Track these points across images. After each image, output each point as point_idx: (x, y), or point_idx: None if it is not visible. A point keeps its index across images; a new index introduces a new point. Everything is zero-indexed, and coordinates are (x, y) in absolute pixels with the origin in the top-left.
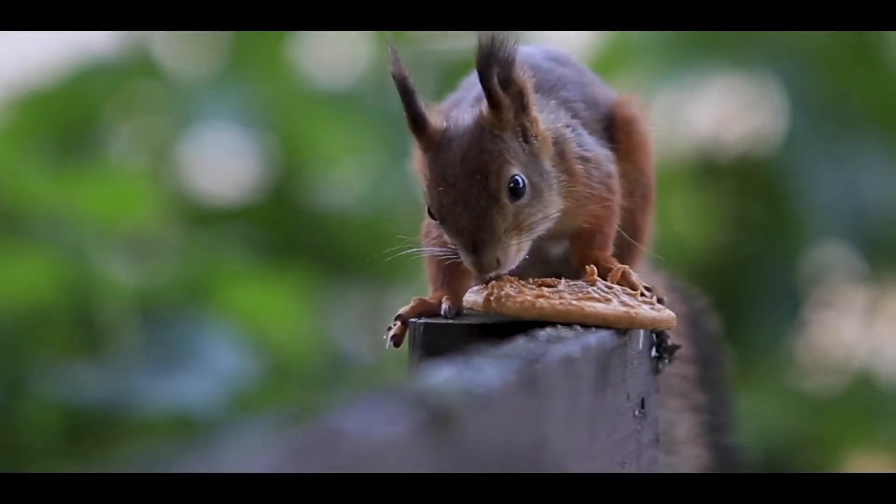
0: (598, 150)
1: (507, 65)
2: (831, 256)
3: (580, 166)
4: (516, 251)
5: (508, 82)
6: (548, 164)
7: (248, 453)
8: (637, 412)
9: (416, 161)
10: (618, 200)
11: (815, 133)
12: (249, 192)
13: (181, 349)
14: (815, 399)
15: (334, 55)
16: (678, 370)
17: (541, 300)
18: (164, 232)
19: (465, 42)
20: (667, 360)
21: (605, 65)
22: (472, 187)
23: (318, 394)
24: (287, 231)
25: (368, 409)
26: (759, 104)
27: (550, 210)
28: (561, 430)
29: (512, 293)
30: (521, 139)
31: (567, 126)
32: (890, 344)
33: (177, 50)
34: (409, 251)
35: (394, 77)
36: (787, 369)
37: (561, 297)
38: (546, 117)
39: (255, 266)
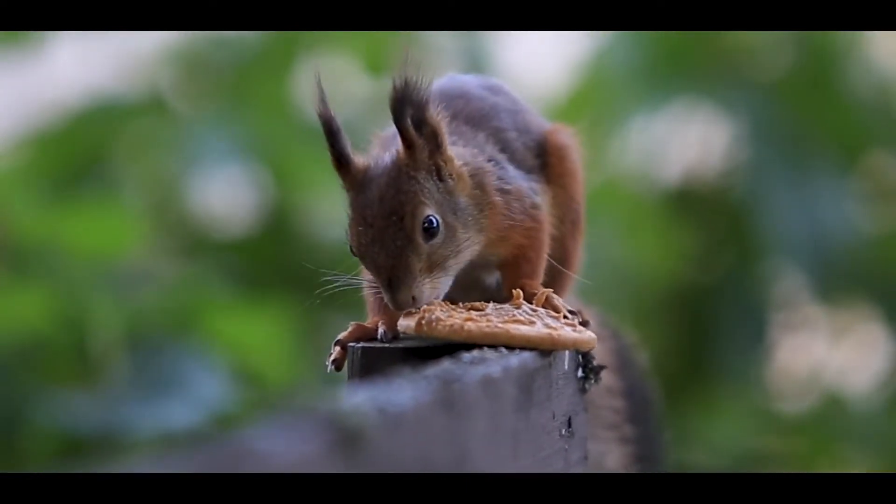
0: (521, 183)
1: (420, 106)
2: (793, 281)
3: (500, 198)
4: (431, 289)
5: (422, 123)
6: (464, 200)
7: (155, 465)
8: (564, 431)
9: None
10: (545, 230)
11: (776, 162)
12: (246, 225)
13: (169, 377)
14: (783, 420)
15: (331, 91)
16: (609, 403)
17: (469, 323)
18: (156, 264)
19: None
20: (593, 381)
21: (577, 98)
22: (388, 227)
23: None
24: (279, 263)
25: (280, 428)
26: (722, 134)
27: (465, 246)
28: (482, 447)
29: (442, 317)
30: (435, 178)
31: (490, 160)
32: (854, 365)
33: (181, 87)
34: (343, 283)
35: (319, 116)
36: (755, 391)
37: (488, 321)
38: (469, 151)
39: (242, 297)
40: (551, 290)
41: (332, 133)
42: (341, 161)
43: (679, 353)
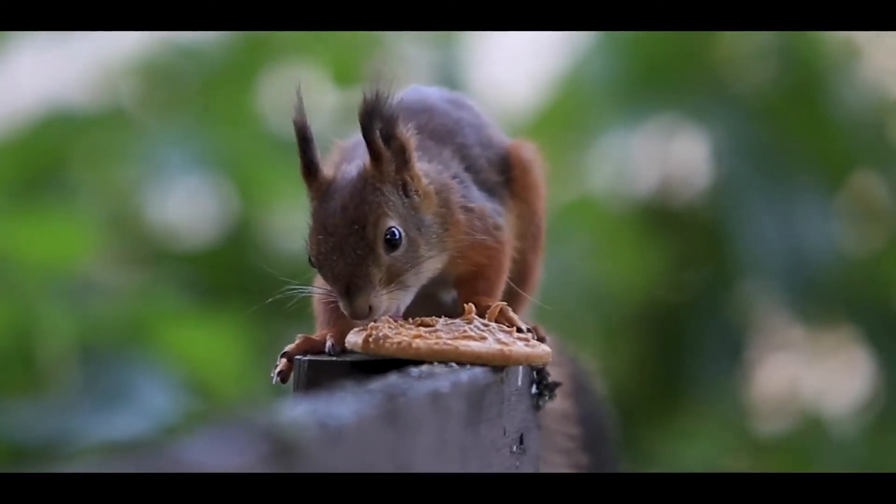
0: (485, 203)
1: (390, 121)
2: (772, 301)
3: (463, 216)
4: (389, 300)
5: (391, 137)
6: (429, 217)
7: (81, 469)
8: (515, 448)
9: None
10: (506, 252)
11: (756, 179)
12: (206, 236)
13: (119, 388)
14: (758, 441)
15: (294, 102)
16: (564, 429)
17: (417, 341)
18: (111, 274)
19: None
20: (547, 397)
21: (552, 114)
22: (349, 236)
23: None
24: (239, 275)
25: (215, 439)
26: (701, 150)
27: (427, 262)
28: (428, 463)
29: (389, 334)
30: (401, 192)
31: (455, 177)
32: (834, 387)
33: (143, 97)
34: (296, 293)
35: (295, 123)
36: (729, 412)
37: (437, 337)
38: (434, 168)
39: (197, 308)
40: (505, 303)
41: (305, 140)
42: (310, 169)
43: (652, 371)
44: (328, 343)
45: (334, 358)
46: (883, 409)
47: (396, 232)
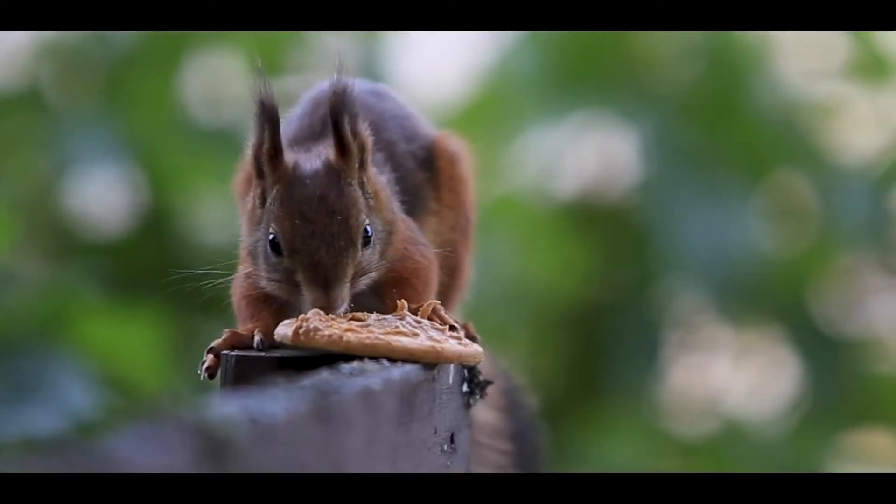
0: (408, 218)
1: (354, 117)
2: (695, 301)
3: (402, 224)
4: (350, 295)
5: (355, 134)
6: (379, 219)
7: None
8: (446, 447)
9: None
10: (435, 269)
11: (682, 179)
12: (122, 226)
13: (33, 382)
14: (679, 442)
15: (214, 91)
16: (496, 444)
17: (348, 334)
18: (24, 265)
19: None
20: (478, 396)
21: (478, 109)
22: (331, 225)
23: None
24: (153, 267)
25: (145, 437)
26: (625, 148)
27: (377, 262)
28: (358, 461)
29: (320, 327)
30: (362, 191)
31: (389, 184)
32: (756, 387)
33: (58, 83)
34: (213, 282)
35: (263, 104)
36: (649, 412)
37: (369, 331)
38: (375, 170)
39: (114, 301)
40: (438, 301)
41: (274, 122)
42: (276, 152)
43: (577, 371)
44: (256, 338)
45: (262, 353)
46: (806, 409)
47: (369, 229)
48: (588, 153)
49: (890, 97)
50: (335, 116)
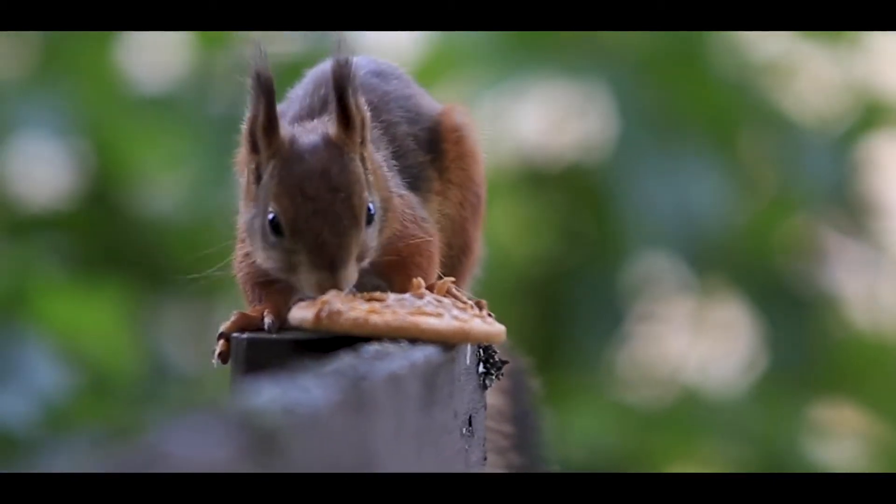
0: (409, 193)
1: (356, 91)
2: (657, 266)
3: (399, 202)
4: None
5: (358, 107)
6: (376, 197)
7: (63, 465)
8: (465, 430)
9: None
10: (435, 244)
11: (642, 141)
12: (65, 199)
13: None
14: (639, 413)
15: (156, 57)
16: (498, 427)
17: (374, 316)
18: None
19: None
20: (494, 376)
21: (429, 71)
22: (335, 203)
23: (139, 412)
24: (105, 241)
25: (192, 430)
26: (586, 111)
27: (377, 241)
28: (388, 449)
29: (343, 309)
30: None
31: (385, 161)
32: (718, 354)
33: None
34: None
35: (258, 75)
36: (610, 382)
37: (394, 313)
38: (373, 149)
39: (72, 277)
40: (452, 279)
41: (270, 93)
42: (272, 125)
43: (532, 341)
44: (267, 320)
45: (273, 336)
46: (770, 374)
47: (372, 207)
48: (544, 115)
49: (849, 55)
50: (339, 88)
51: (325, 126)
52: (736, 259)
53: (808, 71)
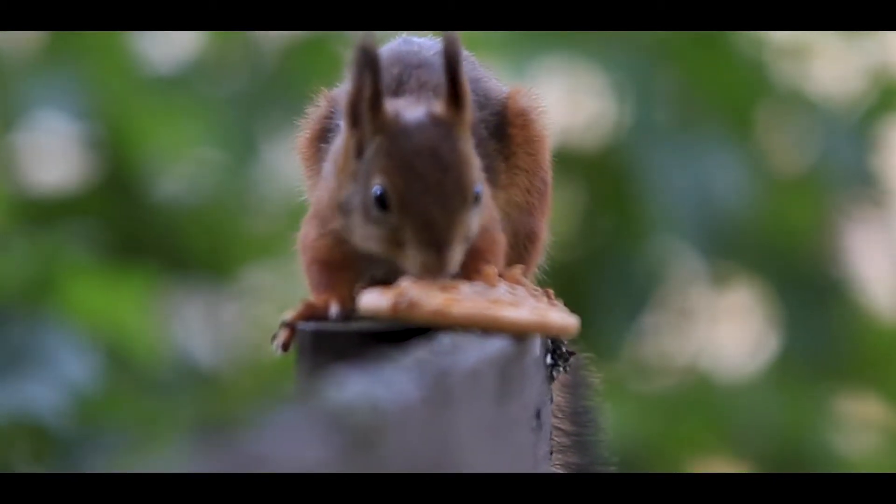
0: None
1: (464, 70)
2: (676, 252)
3: (487, 190)
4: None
5: (467, 87)
6: (482, 178)
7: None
8: (534, 424)
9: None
10: (503, 243)
11: (661, 126)
12: (82, 184)
13: (24, 354)
14: (660, 402)
15: (170, 37)
16: (557, 424)
17: (454, 306)
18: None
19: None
20: (561, 368)
21: None
22: (445, 182)
23: (224, 408)
24: (124, 225)
25: (284, 429)
26: (604, 96)
27: (476, 227)
28: (466, 445)
29: (422, 299)
30: None
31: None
32: (735, 344)
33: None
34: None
35: (364, 49)
36: (630, 370)
37: (473, 303)
38: None
39: (99, 264)
40: (521, 266)
41: (375, 67)
42: (377, 99)
43: None
44: (333, 309)
45: (340, 326)
46: (789, 365)
47: (479, 189)
48: (561, 100)
49: (867, 38)
50: (451, 65)
51: (430, 104)
52: (756, 243)
53: (827, 53)
